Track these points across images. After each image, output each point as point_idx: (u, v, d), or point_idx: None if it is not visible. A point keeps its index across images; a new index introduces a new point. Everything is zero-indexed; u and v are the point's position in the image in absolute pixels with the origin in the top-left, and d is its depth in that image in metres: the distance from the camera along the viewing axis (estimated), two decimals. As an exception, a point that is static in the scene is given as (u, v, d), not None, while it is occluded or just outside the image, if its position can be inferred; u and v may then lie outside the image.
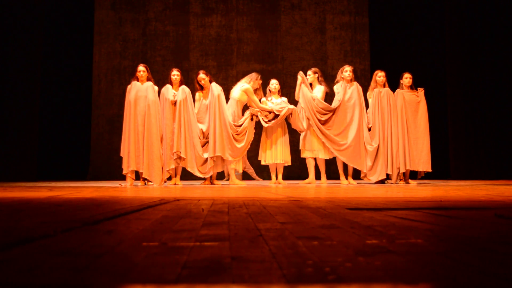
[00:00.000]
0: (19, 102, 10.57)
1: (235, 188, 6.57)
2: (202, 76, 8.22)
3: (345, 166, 8.42)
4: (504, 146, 11.03)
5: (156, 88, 8.01)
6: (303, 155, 8.39)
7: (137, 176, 8.20)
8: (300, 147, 8.42)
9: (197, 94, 8.26)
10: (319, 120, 8.17)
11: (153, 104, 7.81)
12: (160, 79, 10.22)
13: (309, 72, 8.49)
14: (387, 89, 8.31)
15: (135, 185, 7.67)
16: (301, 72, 8.45)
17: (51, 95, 11.85)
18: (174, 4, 12.40)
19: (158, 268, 1.21)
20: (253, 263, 1.25)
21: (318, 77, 8.43)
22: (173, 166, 7.97)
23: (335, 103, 8.27)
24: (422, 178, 8.59)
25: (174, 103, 8.01)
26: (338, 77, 8.43)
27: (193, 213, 2.64)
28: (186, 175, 8.92)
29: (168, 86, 8.16)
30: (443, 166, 11.39)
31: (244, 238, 1.68)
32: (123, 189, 6.17)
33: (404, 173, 8.23)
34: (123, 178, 10.78)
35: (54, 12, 11.96)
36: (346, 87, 8.27)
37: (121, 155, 7.91)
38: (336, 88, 8.38)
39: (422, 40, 12.18)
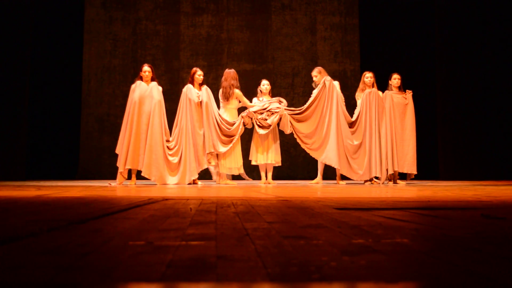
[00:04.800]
0: (7, 101, 10.50)
1: (225, 188, 6.57)
2: (200, 72, 8.27)
3: None
4: (493, 147, 11.08)
5: (160, 88, 8.05)
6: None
7: (130, 175, 8.18)
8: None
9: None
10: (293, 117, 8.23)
11: (158, 104, 7.88)
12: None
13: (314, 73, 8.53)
14: (375, 90, 8.32)
15: (124, 184, 7.65)
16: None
17: (40, 94, 11.78)
18: (165, 3, 12.37)
19: (143, 267, 1.20)
20: (238, 262, 1.25)
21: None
22: (205, 166, 8.08)
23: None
24: (412, 179, 8.62)
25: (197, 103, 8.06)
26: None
27: (181, 212, 2.64)
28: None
29: (189, 86, 8.16)
30: (432, 167, 11.43)
31: (230, 238, 1.68)
32: (112, 189, 6.15)
33: (392, 174, 8.25)
34: (112, 177, 10.73)
35: (43, 10, 11.89)
36: (316, 90, 8.29)
37: (117, 152, 7.91)
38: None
39: (412, 41, 12.22)
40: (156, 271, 1.15)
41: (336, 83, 8.39)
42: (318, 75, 8.44)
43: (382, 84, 8.61)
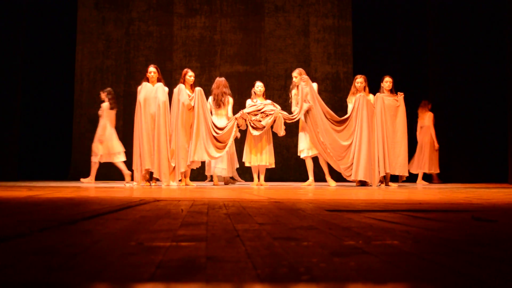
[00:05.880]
0: (-1, 101, 10.46)
1: (217, 189, 6.56)
2: (191, 73, 8.25)
3: (329, 167, 8.42)
4: (485, 150, 11.12)
5: (167, 89, 8.02)
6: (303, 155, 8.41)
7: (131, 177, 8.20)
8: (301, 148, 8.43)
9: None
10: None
11: (163, 105, 7.87)
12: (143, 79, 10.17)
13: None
14: (364, 95, 8.26)
15: (142, 186, 7.65)
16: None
17: (33, 94, 11.74)
18: (158, 4, 12.36)
19: (132, 267, 1.20)
20: (228, 263, 1.25)
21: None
22: (183, 170, 8.03)
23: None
24: (404, 181, 8.63)
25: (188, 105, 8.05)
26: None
27: (172, 213, 2.64)
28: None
29: (181, 86, 8.11)
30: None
31: (221, 239, 1.68)
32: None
33: (384, 176, 8.25)
34: (104, 178, 10.71)
35: (36, 10, 11.86)
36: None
37: (134, 155, 7.94)
38: None
39: (405, 44, 12.26)
40: (146, 271, 1.15)
41: (315, 85, 8.41)
42: (298, 76, 8.47)
43: (374, 87, 8.61)
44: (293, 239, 1.68)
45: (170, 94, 8.16)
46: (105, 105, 9.52)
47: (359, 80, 8.42)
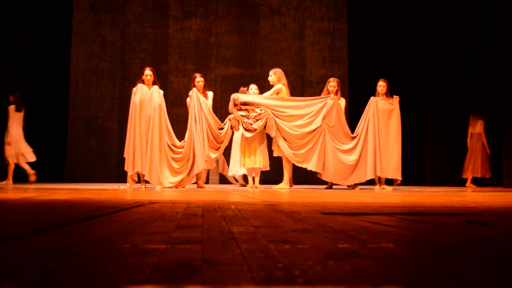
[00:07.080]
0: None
1: (212, 192, 6.56)
2: (199, 79, 8.25)
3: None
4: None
5: (162, 91, 8.03)
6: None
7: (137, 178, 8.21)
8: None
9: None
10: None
11: (158, 108, 7.89)
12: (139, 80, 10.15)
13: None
14: (334, 97, 8.28)
15: (134, 188, 7.65)
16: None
17: (28, 96, 11.68)
18: (154, 7, 12.36)
19: (127, 270, 1.20)
20: (224, 266, 1.25)
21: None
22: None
23: None
24: (398, 185, 8.62)
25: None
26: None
27: (167, 216, 2.63)
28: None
29: (195, 90, 8.16)
30: (419, 173, 11.48)
31: (216, 241, 1.68)
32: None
33: (379, 179, 8.25)
34: (99, 180, 10.69)
35: (31, 12, 11.84)
36: None
37: (124, 155, 7.91)
38: None
39: (399, 47, 12.29)
40: (141, 274, 1.15)
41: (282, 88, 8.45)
42: (273, 75, 8.48)
43: (370, 90, 8.62)
44: (288, 242, 1.68)
45: (165, 96, 8.17)
46: (11, 107, 9.77)
47: (332, 84, 8.41)
